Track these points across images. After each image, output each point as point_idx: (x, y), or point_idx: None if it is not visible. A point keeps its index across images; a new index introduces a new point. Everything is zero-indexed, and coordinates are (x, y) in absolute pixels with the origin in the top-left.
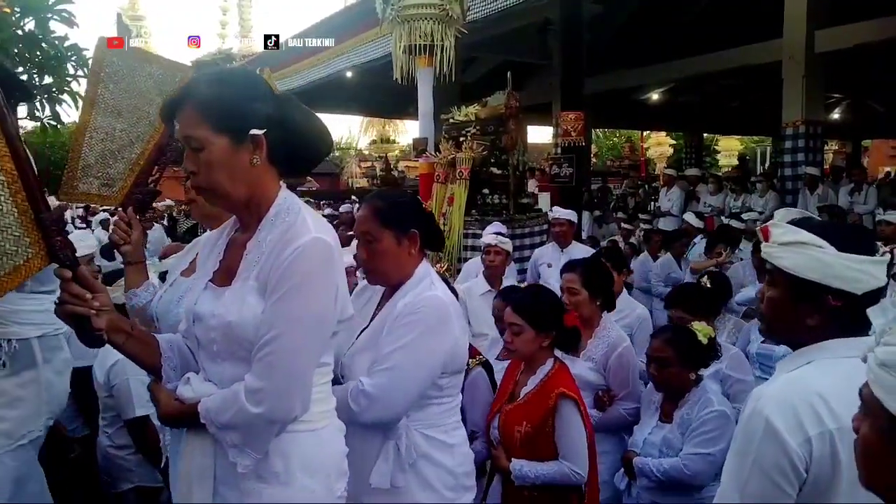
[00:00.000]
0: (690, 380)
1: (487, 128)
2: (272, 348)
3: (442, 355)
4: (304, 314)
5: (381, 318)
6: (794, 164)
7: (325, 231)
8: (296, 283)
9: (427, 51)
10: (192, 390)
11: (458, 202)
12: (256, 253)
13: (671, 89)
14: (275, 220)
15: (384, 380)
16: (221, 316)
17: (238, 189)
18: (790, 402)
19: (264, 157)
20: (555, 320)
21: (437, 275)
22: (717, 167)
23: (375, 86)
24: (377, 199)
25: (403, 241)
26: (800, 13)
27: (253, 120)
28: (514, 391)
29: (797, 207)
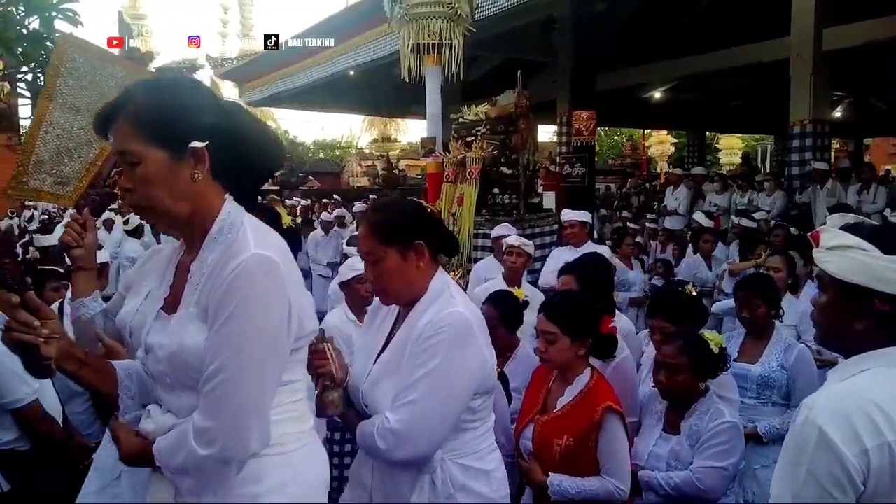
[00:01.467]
0: (700, 389)
1: (497, 127)
2: (218, 381)
3: (472, 377)
4: (249, 339)
5: (400, 341)
6: (802, 162)
7: (266, 245)
8: (237, 307)
9: (435, 49)
10: (153, 423)
11: (468, 202)
12: (199, 275)
13: (674, 87)
14: (217, 237)
15: (411, 415)
16: (166, 347)
17: (178, 206)
18: (845, 412)
19: (207, 171)
20: (591, 327)
21: (455, 284)
22: (718, 165)
23: (377, 85)
24: (375, 214)
25: (409, 255)
26: (808, 11)
27: (193, 132)
28: (546, 401)
29: (806, 203)
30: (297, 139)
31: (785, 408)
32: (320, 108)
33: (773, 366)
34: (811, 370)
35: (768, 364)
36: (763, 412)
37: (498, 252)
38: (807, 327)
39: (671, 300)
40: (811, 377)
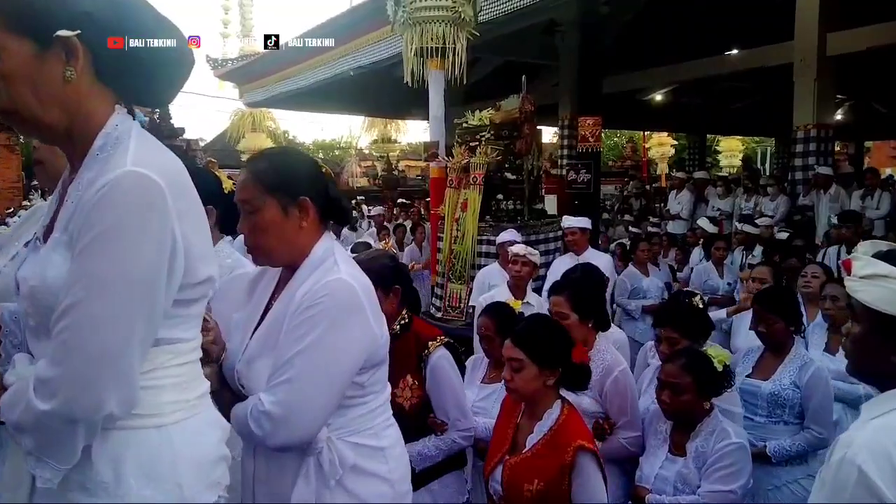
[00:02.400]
0: (704, 409)
1: (501, 132)
2: (68, 321)
3: (356, 351)
4: (109, 276)
5: (278, 312)
6: (805, 167)
7: (149, 162)
8: (98, 235)
9: (438, 53)
10: (15, 374)
11: (471, 207)
12: (74, 197)
13: (674, 90)
14: (99, 153)
15: (287, 395)
16: (28, 280)
17: (50, 113)
18: (885, 451)
19: (84, 71)
20: (561, 354)
21: (344, 251)
22: (718, 167)
23: (378, 86)
24: (259, 161)
25: (292, 210)
26: (812, 16)
27: (62, 17)
28: (515, 437)
29: (810, 208)
30: (297, 139)
31: (797, 427)
32: (320, 110)
33: (784, 383)
34: (826, 390)
35: (780, 382)
36: (774, 431)
37: (503, 259)
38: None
39: (679, 310)
40: (826, 398)
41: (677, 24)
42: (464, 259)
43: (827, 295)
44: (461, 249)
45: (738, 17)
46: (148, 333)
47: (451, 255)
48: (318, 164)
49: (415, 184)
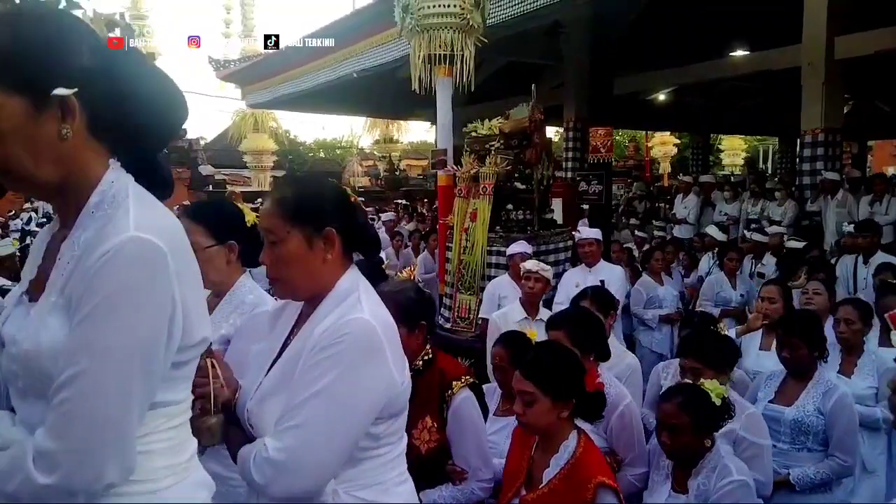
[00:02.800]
0: (705, 446)
1: (511, 142)
2: (70, 393)
3: (373, 399)
4: (113, 345)
5: (295, 350)
6: (814, 172)
7: (151, 226)
8: (102, 302)
9: (446, 60)
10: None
11: (481, 217)
12: (68, 257)
13: (678, 90)
14: (95, 212)
15: (294, 442)
16: (20, 343)
17: (44, 170)
18: None
19: (80, 126)
20: (574, 385)
21: (369, 287)
22: (720, 166)
23: (381, 88)
24: (285, 187)
25: (316, 242)
26: (819, 19)
27: (59, 76)
28: (531, 470)
29: (818, 213)
30: (298, 138)
31: (822, 454)
32: (323, 111)
33: (808, 410)
34: (851, 417)
35: (804, 408)
36: (797, 458)
37: (513, 270)
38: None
39: (702, 340)
40: (850, 424)
41: (682, 27)
42: (473, 270)
43: (840, 318)
44: (470, 260)
45: (743, 20)
46: (146, 399)
47: (459, 266)
48: (345, 192)
49: (416, 183)
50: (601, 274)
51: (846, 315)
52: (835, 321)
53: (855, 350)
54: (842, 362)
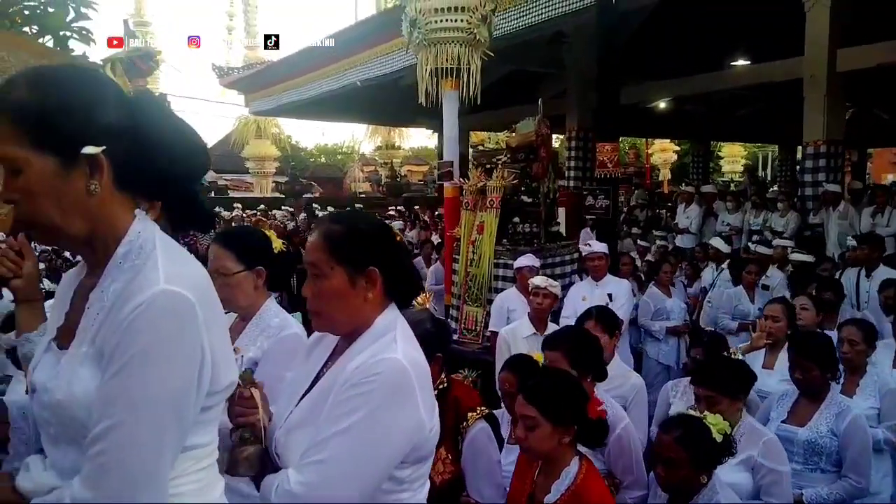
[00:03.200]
0: (701, 482)
1: (518, 155)
2: (105, 445)
3: (400, 441)
4: (147, 397)
5: (327, 382)
6: (815, 183)
7: (180, 278)
8: (135, 356)
9: (453, 74)
10: (31, 481)
11: (488, 230)
12: (97, 307)
13: (678, 98)
14: (123, 262)
15: (316, 477)
16: (52, 392)
17: (73, 224)
18: None
19: (107, 181)
20: (576, 411)
21: (407, 327)
22: (720, 173)
23: (384, 96)
24: (332, 224)
25: (359, 281)
26: (822, 32)
27: (88, 134)
28: (533, 494)
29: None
30: (299, 144)
31: (835, 475)
32: (325, 118)
33: (822, 431)
34: (864, 438)
35: (817, 429)
36: (811, 479)
37: (520, 283)
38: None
39: (715, 366)
40: (864, 446)
41: (684, 38)
42: (480, 282)
43: (844, 338)
44: (478, 272)
45: (745, 32)
46: (178, 446)
47: (466, 278)
48: (391, 231)
49: (417, 189)
50: (608, 288)
51: (850, 335)
52: (838, 341)
53: (858, 370)
54: (844, 382)
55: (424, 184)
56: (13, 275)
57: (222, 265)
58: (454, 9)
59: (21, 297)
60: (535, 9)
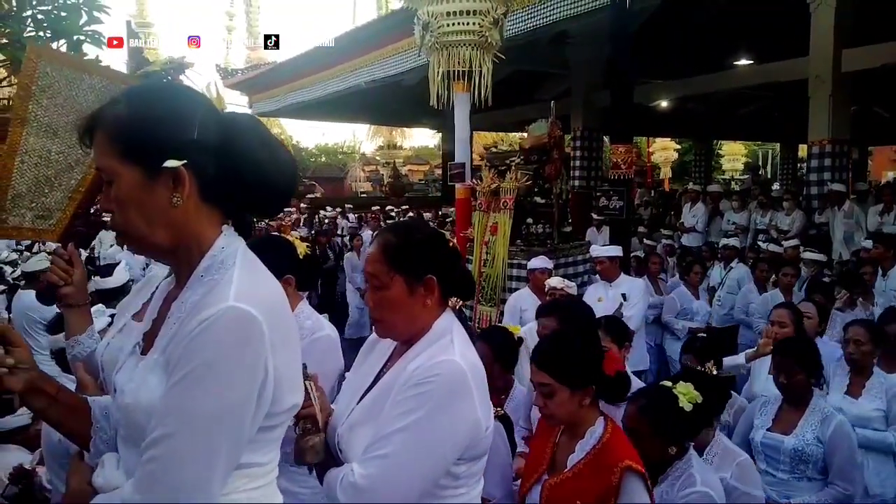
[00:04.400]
0: (671, 454)
1: (531, 157)
2: (157, 452)
3: (458, 439)
4: (203, 411)
5: (387, 383)
6: (821, 182)
7: (251, 296)
8: (195, 369)
9: (464, 76)
10: (102, 478)
11: (502, 231)
12: (175, 318)
13: (680, 97)
14: (204, 275)
15: (379, 471)
16: (125, 395)
17: (157, 234)
18: None
19: (190, 194)
20: (591, 371)
21: (462, 330)
22: (720, 171)
23: (388, 96)
24: (389, 235)
25: (417, 288)
26: (827, 32)
27: (170, 148)
28: (554, 456)
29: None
30: (300, 144)
31: (822, 483)
32: (328, 119)
33: (808, 438)
34: (851, 444)
35: (803, 436)
36: (797, 488)
37: (533, 284)
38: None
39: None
40: (851, 452)
41: (688, 39)
42: (494, 282)
43: (850, 338)
44: (491, 273)
45: (750, 32)
46: (231, 463)
47: (480, 278)
48: (446, 240)
49: (419, 189)
50: (622, 288)
51: (856, 335)
52: (844, 341)
53: (864, 371)
54: (850, 383)
55: (426, 183)
56: (64, 282)
57: None
58: (466, 12)
59: (71, 302)
60: (544, 11)
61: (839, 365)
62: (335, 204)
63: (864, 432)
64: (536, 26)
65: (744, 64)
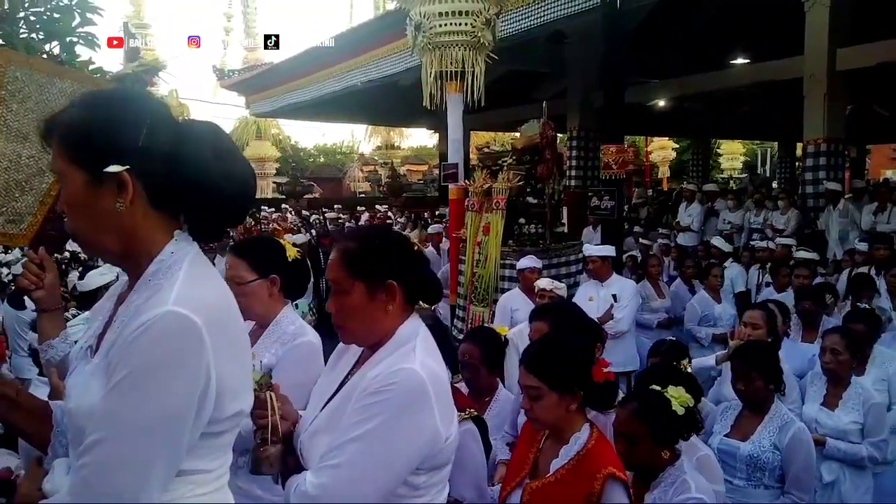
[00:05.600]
0: (664, 458)
1: (523, 157)
2: (89, 458)
3: (414, 449)
4: (137, 415)
5: (349, 390)
6: (816, 181)
7: (192, 301)
8: (130, 374)
9: (457, 77)
10: (51, 482)
11: (494, 231)
12: (120, 321)
13: (678, 96)
14: (151, 280)
15: (331, 480)
16: (70, 399)
17: (105, 238)
18: None
19: (136, 200)
20: (581, 377)
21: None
22: (719, 170)
23: (385, 97)
24: (349, 241)
25: (378, 294)
26: (821, 31)
27: (114, 154)
28: (537, 460)
29: (820, 224)
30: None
31: (778, 492)
32: (326, 119)
33: (764, 445)
34: (808, 453)
35: (759, 443)
36: (753, 495)
37: (523, 284)
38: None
39: (663, 376)
40: (808, 461)
41: (684, 38)
42: (486, 282)
43: (827, 347)
44: (484, 273)
45: (746, 31)
46: (170, 470)
47: (472, 278)
48: (409, 243)
49: (418, 189)
50: (613, 288)
51: (832, 344)
52: (820, 350)
53: (841, 382)
54: (826, 394)
55: (424, 183)
56: (35, 286)
57: (237, 274)
58: (458, 13)
59: (43, 306)
60: (538, 11)
61: (817, 374)
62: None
63: (837, 444)
64: (530, 26)
65: (740, 63)
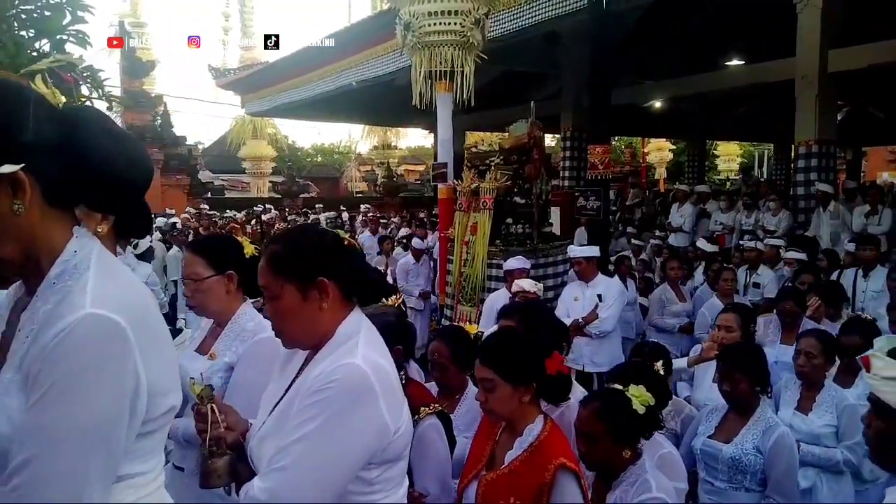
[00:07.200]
0: (625, 458)
1: (511, 157)
2: (20, 480)
3: (362, 445)
4: (68, 427)
5: (293, 392)
6: (807, 182)
7: (109, 300)
8: (55, 385)
9: (447, 76)
10: None
11: (481, 231)
12: (28, 330)
13: (674, 97)
14: (56, 282)
15: (276, 484)
16: None
17: (3, 247)
18: None
19: (32, 199)
20: (534, 369)
21: (372, 330)
22: (715, 171)
23: (380, 97)
24: (274, 244)
25: (310, 293)
26: (813, 33)
27: (3, 153)
28: (494, 453)
29: (811, 225)
30: (296, 144)
31: (760, 495)
32: (322, 119)
33: (747, 448)
34: (791, 457)
35: (742, 445)
36: (734, 497)
37: (510, 285)
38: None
39: (637, 375)
40: (790, 466)
41: (678, 39)
42: (473, 282)
43: (802, 350)
44: (471, 272)
45: (738, 33)
46: (108, 477)
47: (460, 278)
48: (338, 239)
49: (414, 188)
50: (598, 288)
51: (807, 347)
52: (795, 353)
53: (815, 386)
54: (800, 398)
55: (421, 183)
56: None
57: (193, 271)
58: (447, 12)
59: None
60: (529, 11)
61: (791, 378)
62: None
63: (812, 449)
64: (522, 27)
65: (735, 64)
